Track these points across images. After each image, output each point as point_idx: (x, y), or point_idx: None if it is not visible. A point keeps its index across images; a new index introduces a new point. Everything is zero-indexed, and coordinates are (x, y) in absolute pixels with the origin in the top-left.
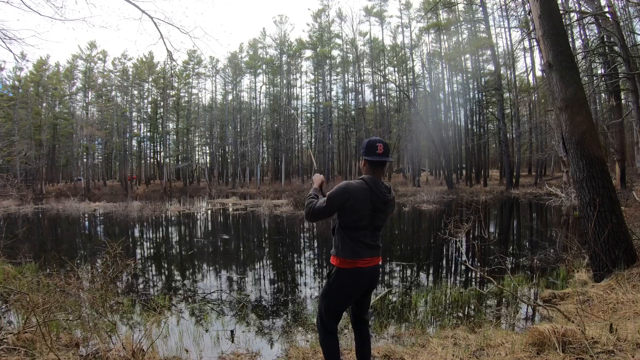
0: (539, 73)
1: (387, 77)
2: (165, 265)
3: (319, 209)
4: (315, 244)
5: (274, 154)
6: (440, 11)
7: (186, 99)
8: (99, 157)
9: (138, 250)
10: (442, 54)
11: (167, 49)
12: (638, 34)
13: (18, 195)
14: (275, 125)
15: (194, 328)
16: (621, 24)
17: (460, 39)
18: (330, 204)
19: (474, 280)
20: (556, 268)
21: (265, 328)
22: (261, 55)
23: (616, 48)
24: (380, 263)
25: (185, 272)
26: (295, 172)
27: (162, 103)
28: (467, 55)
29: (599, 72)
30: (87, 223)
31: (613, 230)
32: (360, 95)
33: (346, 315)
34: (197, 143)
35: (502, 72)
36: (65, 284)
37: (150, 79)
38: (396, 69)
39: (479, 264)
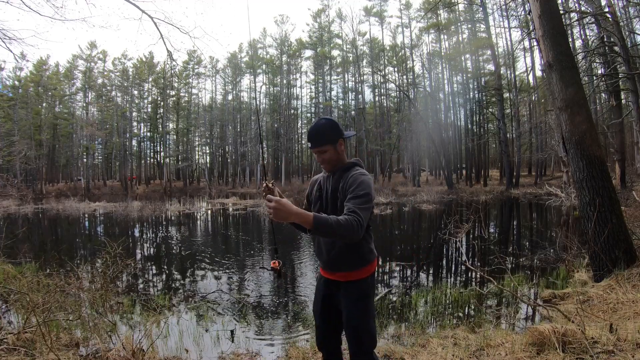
0: (539, 73)
1: (387, 77)
2: (165, 265)
3: (365, 214)
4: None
5: (274, 154)
6: (440, 11)
7: (186, 99)
8: (99, 157)
9: (138, 250)
10: (442, 54)
11: (167, 49)
12: (638, 34)
13: (18, 195)
14: (275, 125)
15: (194, 328)
16: (621, 24)
17: (460, 39)
18: (372, 200)
19: (474, 280)
20: (556, 268)
21: (265, 328)
22: (261, 55)
23: (616, 48)
24: None
25: (185, 272)
26: (295, 172)
27: (162, 103)
28: (467, 55)
29: (599, 72)
30: (87, 223)
31: (613, 230)
32: (360, 95)
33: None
34: (197, 143)
35: (502, 72)
36: (65, 284)
37: (150, 79)
38: (396, 69)
39: (479, 264)
